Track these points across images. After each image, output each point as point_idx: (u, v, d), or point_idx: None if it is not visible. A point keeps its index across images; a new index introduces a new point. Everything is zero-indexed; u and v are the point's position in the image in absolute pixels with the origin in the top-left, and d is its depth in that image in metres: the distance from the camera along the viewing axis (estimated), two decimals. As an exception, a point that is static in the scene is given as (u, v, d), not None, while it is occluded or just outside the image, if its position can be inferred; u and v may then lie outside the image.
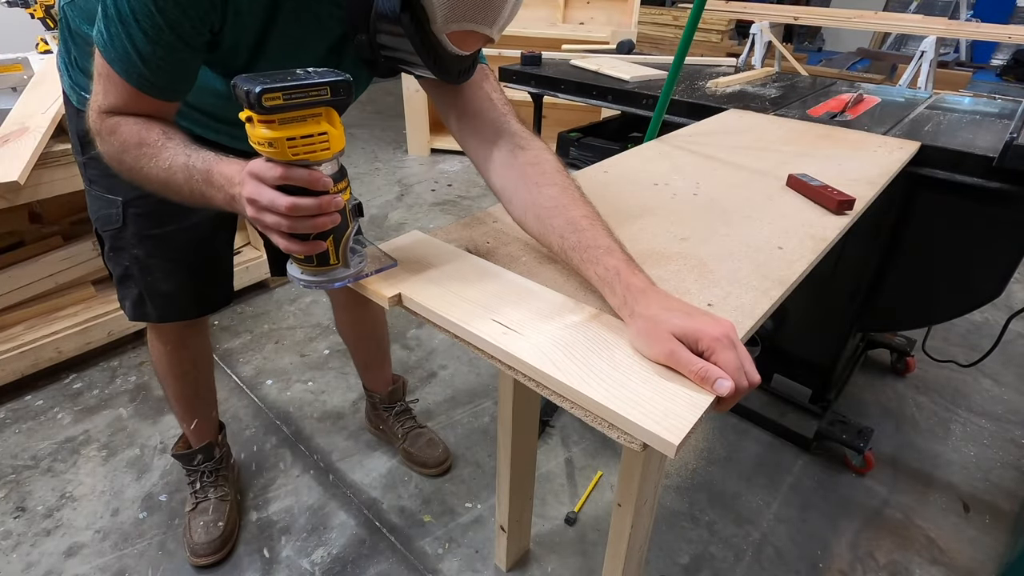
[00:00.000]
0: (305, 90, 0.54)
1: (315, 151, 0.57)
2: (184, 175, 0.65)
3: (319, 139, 0.57)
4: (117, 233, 1.01)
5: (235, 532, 1.34)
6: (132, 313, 1.09)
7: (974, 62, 6.74)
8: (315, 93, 0.55)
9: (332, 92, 0.56)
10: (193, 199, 0.67)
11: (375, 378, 1.55)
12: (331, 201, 0.58)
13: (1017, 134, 1.15)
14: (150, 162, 0.67)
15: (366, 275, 0.69)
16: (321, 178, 0.57)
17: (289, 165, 0.56)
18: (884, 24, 3.46)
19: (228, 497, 1.36)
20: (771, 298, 0.71)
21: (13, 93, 1.74)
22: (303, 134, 0.55)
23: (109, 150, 0.70)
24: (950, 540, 1.39)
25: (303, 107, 0.55)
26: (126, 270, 1.04)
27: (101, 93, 0.68)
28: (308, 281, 0.66)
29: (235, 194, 0.61)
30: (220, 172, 0.63)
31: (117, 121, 0.69)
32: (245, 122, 0.56)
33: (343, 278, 0.66)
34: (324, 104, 0.56)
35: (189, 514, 1.33)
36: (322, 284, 0.66)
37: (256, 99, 0.52)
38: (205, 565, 1.27)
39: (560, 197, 0.72)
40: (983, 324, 2.23)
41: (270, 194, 0.57)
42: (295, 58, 0.77)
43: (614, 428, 0.54)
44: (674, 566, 1.31)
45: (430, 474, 1.51)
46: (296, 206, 0.56)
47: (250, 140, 0.57)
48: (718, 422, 1.70)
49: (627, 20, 3.56)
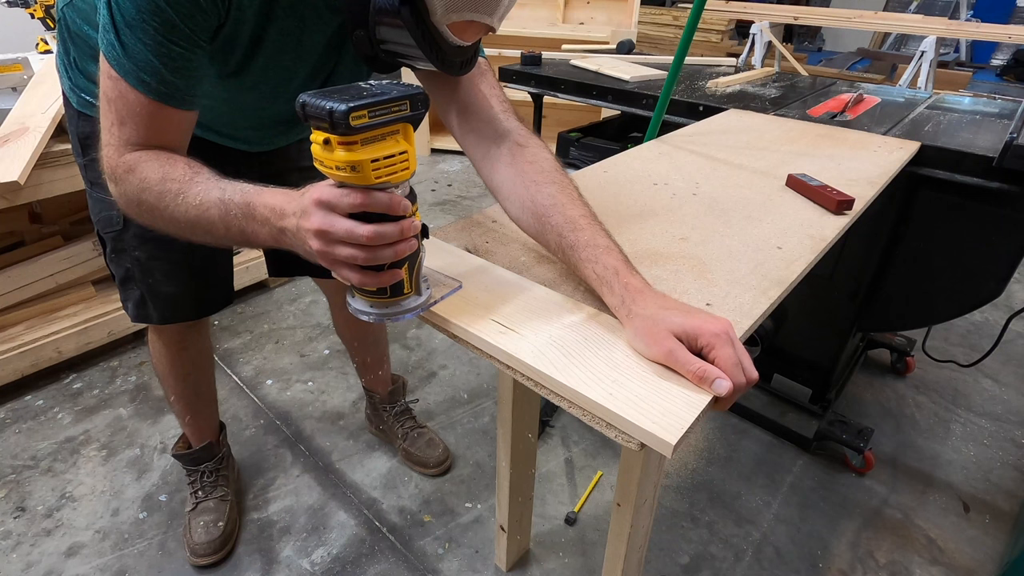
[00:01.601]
0: (388, 106, 0.49)
1: (396, 172, 0.52)
2: (219, 211, 0.60)
3: (400, 159, 0.52)
4: (118, 235, 1.00)
5: (235, 532, 1.34)
6: (134, 315, 1.09)
7: (974, 62, 6.75)
8: (397, 108, 0.50)
9: (412, 106, 0.51)
10: (229, 237, 0.61)
11: (374, 378, 1.55)
12: (411, 225, 0.53)
13: (1017, 134, 1.15)
14: (176, 199, 0.61)
15: (435, 302, 0.64)
16: (402, 201, 0.53)
17: (368, 190, 0.51)
18: (884, 24, 3.46)
19: (228, 497, 1.36)
20: (770, 298, 0.71)
21: (13, 93, 1.75)
22: (385, 154, 0.50)
23: (127, 190, 0.64)
24: (950, 540, 1.39)
25: (386, 124, 0.50)
26: (127, 272, 1.04)
27: (116, 125, 0.63)
28: (379, 315, 0.60)
29: (286, 227, 0.56)
30: (264, 204, 0.57)
31: (136, 157, 0.64)
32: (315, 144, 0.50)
33: (415, 308, 0.61)
34: (404, 120, 0.51)
35: (189, 514, 1.33)
36: (394, 316, 0.61)
37: (343, 118, 0.46)
38: (205, 565, 1.27)
39: (558, 196, 0.72)
40: (983, 324, 2.23)
41: (345, 224, 0.51)
42: (293, 54, 0.76)
43: (612, 428, 0.54)
44: (674, 566, 1.31)
45: (430, 474, 1.51)
46: (380, 234, 0.51)
47: (321, 165, 0.51)
48: (718, 422, 1.70)
49: (627, 20, 3.56)
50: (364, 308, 0.60)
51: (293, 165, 1.12)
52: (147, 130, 0.64)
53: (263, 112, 0.89)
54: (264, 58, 0.74)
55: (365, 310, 0.60)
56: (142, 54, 0.60)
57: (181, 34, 0.61)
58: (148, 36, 0.59)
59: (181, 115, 0.67)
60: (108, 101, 0.63)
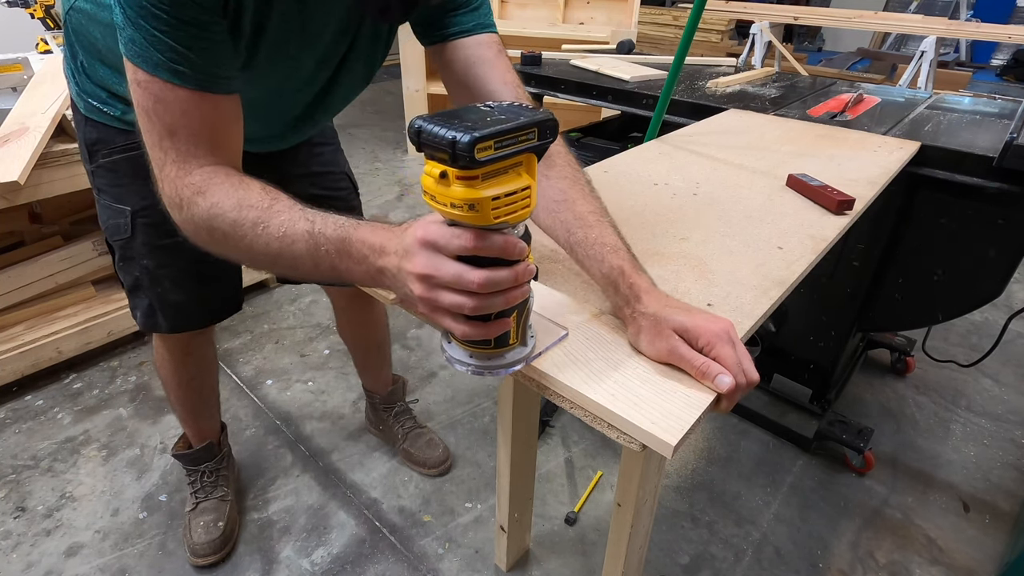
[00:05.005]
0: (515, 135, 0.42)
1: (517, 211, 0.45)
2: (307, 245, 0.54)
3: (522, 195, 0.45)
4: (126, 243, 0.99)
5: (235, 532, 1.34)
6: (143, 323, 1.08)
7: (974, 62, 6.75)
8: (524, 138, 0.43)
9: (540, 135, 0.45)
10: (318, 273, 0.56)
11: (374, 379, 1.54)
12: (526, 270, 0.48)
13: (1017, 134, 1.15)
14: (255, 229, 0.55)
15: (539, 354, 0.58)
16: (518, 244, 0.46)
17: (483, 231, 0.45)
18: (884, 24, 3.46)
19: (228, 497, 1.36)
20: (771, 298, 0.71)
21: (13, 93, 1.75)
22: (508, 191, 0.44)
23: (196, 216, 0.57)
24: (950, 540, 1.39)
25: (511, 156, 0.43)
26: (136, 280, 1.03)
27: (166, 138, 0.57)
28: (478, 367, 0.54)
29: (386, 267, 0.51)
30: (362, 240, 0.52)
31: (204, 179, 0.57)
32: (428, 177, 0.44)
33: (519, 360, 0.55)
34: (529, 150, 0.45)
35: (189, 514, 1.33)
36: (494, 370, 0.55)
37: (467, 150, 0.40)
38: (205, 565, 1.27)
39: (569, 191, 0.71)
40: (983, 324, 2.23)
41: (454, 268, 0.46)
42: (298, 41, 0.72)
43: (613, 428, 0.54)
44: (674, 566, 1.31)
45: (430, 474, 1.51)
46: (492, 281, 0.45)
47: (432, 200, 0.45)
48: (718, 422, 1.71)
49: (627, 20, 3.56)
50: (462, 358, 0.55)
51: (303, 170, 1.09)
52: (200, 131, 0.58)
53: (271, 110, 0.87)
54: (267, 48, 0.70)
55: (464, 360, 0.55)
56: (163, 42, 0.55)
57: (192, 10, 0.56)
58: (162, 22, 0.55)
59: (227, 101, 0.61)
60: (147, 114, 0.57)
